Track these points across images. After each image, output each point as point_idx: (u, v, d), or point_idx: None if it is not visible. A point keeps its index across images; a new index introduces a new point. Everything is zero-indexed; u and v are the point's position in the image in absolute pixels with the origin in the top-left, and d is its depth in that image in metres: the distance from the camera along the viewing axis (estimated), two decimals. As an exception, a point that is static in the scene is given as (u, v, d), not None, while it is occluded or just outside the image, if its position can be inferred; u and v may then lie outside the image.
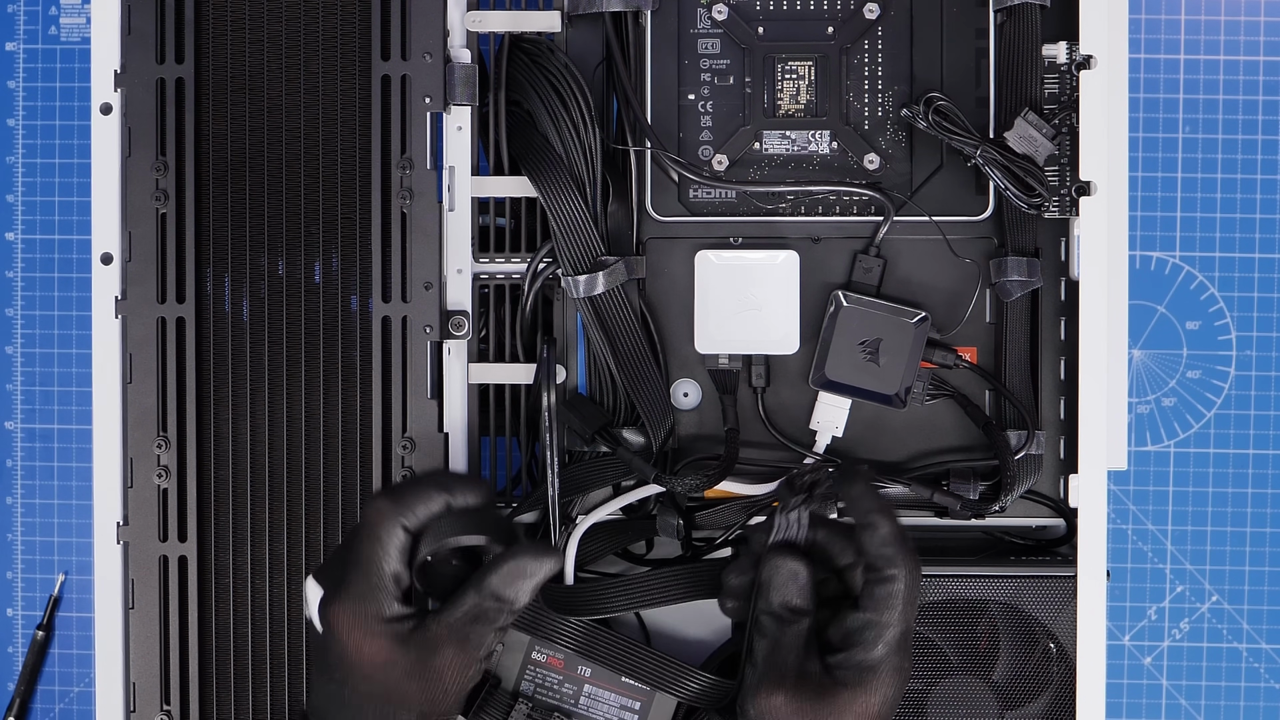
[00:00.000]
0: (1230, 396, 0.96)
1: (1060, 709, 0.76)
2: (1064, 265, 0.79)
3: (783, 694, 0.67)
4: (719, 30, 0.80)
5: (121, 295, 0.78)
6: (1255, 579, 0.96)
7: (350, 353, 0.78)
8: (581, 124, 0.78)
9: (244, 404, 0.78)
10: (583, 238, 0.78)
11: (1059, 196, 0.79)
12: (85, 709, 0.99)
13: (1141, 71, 0.95)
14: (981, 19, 0.79)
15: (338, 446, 0.77)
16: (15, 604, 0.99)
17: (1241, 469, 0.96)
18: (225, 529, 0.78)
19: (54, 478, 0.99)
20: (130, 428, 0.78)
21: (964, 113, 0.78)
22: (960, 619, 0.77)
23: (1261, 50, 0.95)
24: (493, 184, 0.80)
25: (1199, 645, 0.96)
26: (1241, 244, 0.95)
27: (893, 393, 0.78)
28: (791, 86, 0.80)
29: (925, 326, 0.78)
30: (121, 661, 0.78)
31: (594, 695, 0.78)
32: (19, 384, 0.99)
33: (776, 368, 0.80)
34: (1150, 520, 0.96)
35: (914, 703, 0.77)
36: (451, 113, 0.78)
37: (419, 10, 0.77)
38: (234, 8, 0.78)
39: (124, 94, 0.78)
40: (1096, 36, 0.75)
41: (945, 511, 0.78)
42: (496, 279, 0.81)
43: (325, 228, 0.78)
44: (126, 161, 0.78)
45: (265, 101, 0.78)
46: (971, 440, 0.79)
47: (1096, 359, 0.75)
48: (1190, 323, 0.96)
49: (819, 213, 0.80)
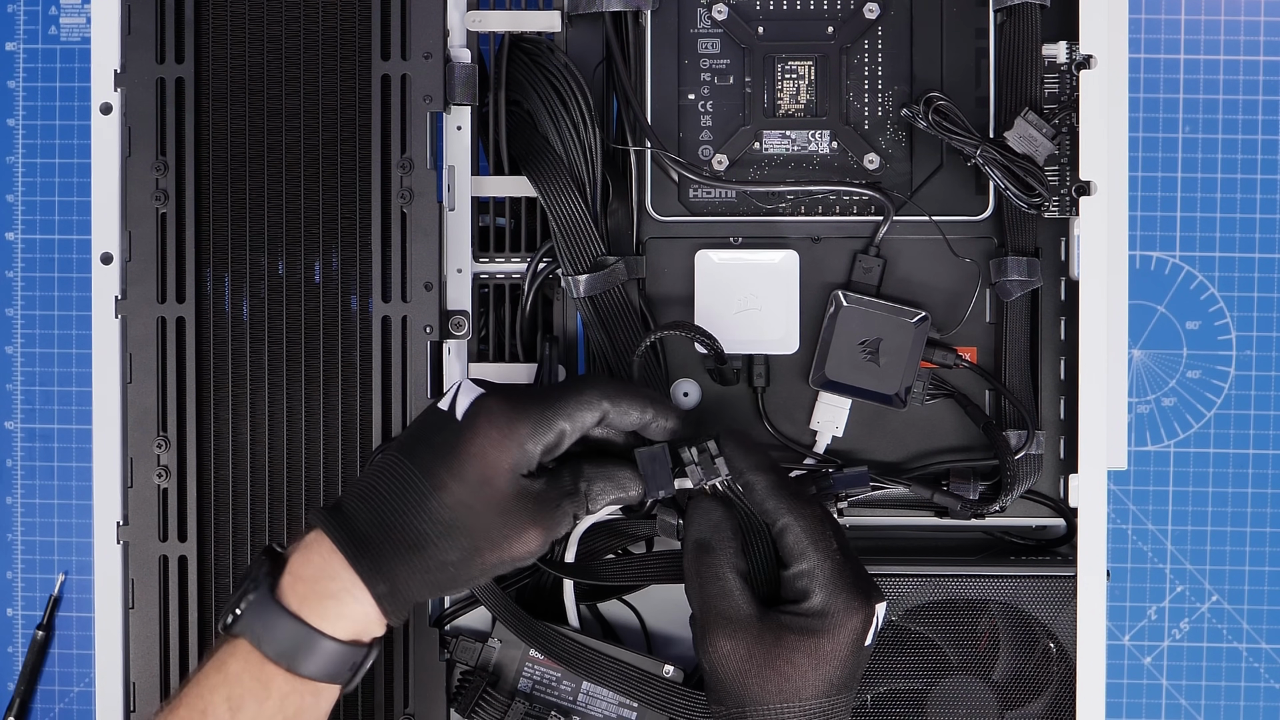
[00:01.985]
0: (1230, 396, 0.96)
1: (1060, 709, 0.76)
2: (1064, 265, 0.79)
3: (730, 641, 0.69)
4: (719, 30, 0.80)
5: (121, 295, 0.78)
6: (1255, 579, 0.96)
7: (350, 353, 0.78)
8: (581, 124, 0.78)
9: (244, 404, 0.78)
10: (583, 238, 0.78)
11: (1059, 196, 0.79)
12: (85, 709, 0.99)
13: (1141, 71, 0.95)
14: (981, 19, 0.79)
15: (338, 446, 0.77)
16: (15, 604, 0.99)
17: (1241, 469, 0.96)
18: (225, 529, 0.78)
19: (54, 478, 0.99)
20: (130, 428, 0.78)
21: (964, 113, 0.78)
22: (960, 619, 0.77)
23: (1261, 50, 0.95)
24: (493, 184, 0.80)
25: (1199, 645, 0.96)
26: (1241, 244, 0.95)
27: (893, 393, 0.78)
28: (791, 86, 0.80)
29: (925, 326, 0.78)
30: (121, 661, 0.78)
31: (592, 693, 0.78)
32: (19, 384, 0.99)
33: (776, 367, 0.80)
34: (1150, 520, 0.96)
35: (914, 703, 0.77)
36: (451, 113, 0.78)
37: (419, 10, 0.77)
38: (234, 8, 0.78)
39: (124, 94, 0.78)
40: (1096, 36, 0.75)
41: (945, 511, 0.78)
42: (496, 279, 0.81)
43: (325, 228, 0.78)
44: (126, 161, 0.78)
45: (265, 101, 0.78)
46: (971, 440, 0.79)
47: (1096, 359, 0.75)
48: (1190, 323, 0.96)
49: (819, 213, 0.80)
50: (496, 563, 0.69)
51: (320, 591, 0.67)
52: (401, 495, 0.68)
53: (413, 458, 0.69)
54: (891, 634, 0.77)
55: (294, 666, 0.66)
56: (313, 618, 0.66)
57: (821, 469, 0.79)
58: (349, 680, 0.68)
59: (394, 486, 0.69)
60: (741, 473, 0.72)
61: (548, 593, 0.80)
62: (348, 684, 0.68)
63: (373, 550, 0.67)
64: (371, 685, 0.77)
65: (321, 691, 0.67)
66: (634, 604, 0.83)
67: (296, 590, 0.67)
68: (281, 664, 0.66)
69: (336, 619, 0.67)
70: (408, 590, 0.68)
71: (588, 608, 0.83)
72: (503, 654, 0.79)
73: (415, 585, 0.68)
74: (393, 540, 0.68)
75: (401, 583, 0.68)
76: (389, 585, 0.67)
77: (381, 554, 0.67)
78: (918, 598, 0.77)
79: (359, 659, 0.68)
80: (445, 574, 0.68)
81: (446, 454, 0.69)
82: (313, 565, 0.67)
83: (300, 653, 0.66)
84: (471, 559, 0.68)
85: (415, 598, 0.69)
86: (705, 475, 0.72)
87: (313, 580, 0.67)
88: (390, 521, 0.68)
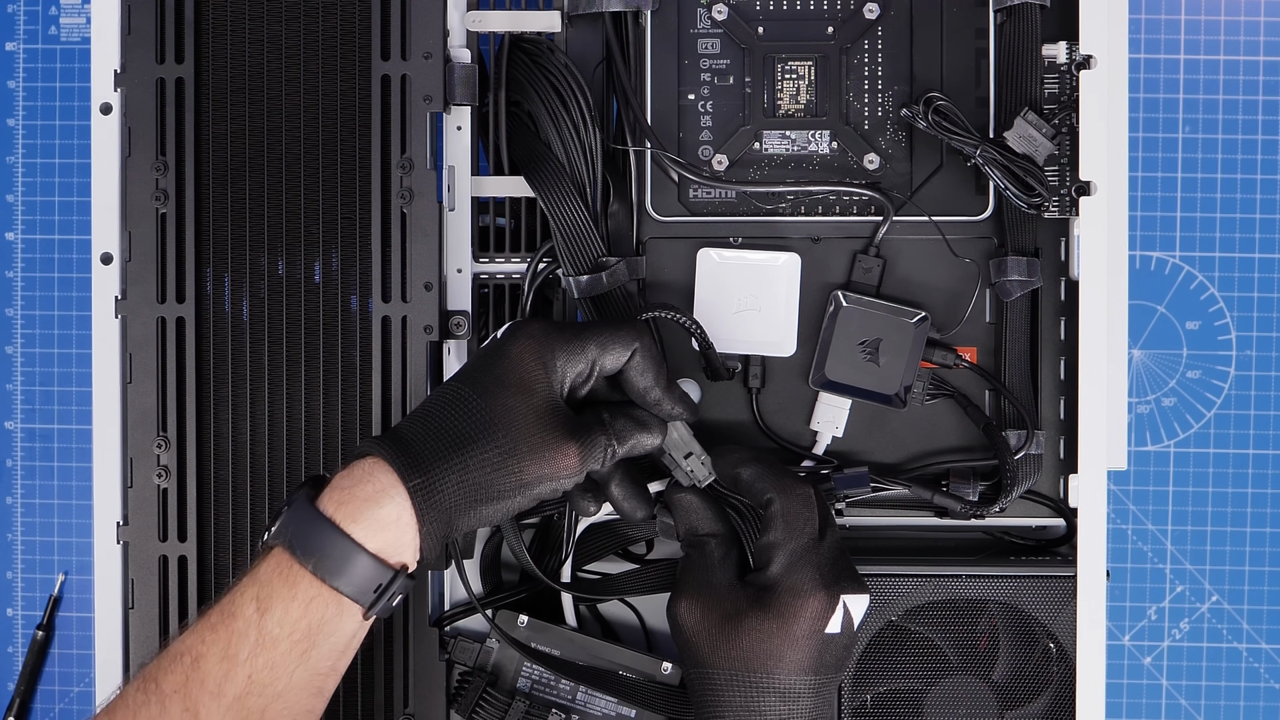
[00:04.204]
0: (1230, 396, 0.96)
1: (1060, 709, 0.76)
2: (1064, 265, 0.79)
3: (697, 607, 0.71)
4: (719, 30, 0.80)
5: (121, 295, 0.78)
6: (1255, 579, 0.96)
7: (350, 353, 0.78)
8: (581, 124, 0.78)
9: (244, 404, 0.78)
10: (583, 239, 0.78)
11: (1059, 196, 0.79)
12: (85, 709, 0.99)
13: (1141, 71, 0.95)
14: (981, 19, 0.79)
15: (338, 447, 0.77)
16: (15, 604, 0.99)
17: (1241, 469, 0.96)
18: (225, 529, 0.78)
19: (54, 478, 0.99)
20: (130, 428, 0.78)
21: (964, 113, 0.78)
22: (960, 619, 0.77)
23: (1261, 50, 0.95)
24: (493, 184, 0.80)
25: (1199, 645, 0.96)
26: (1241, 244, 0.95)
27: (893, 393, 0.78)
28: (791, 86, 0.80)
29: (925, 326, 0.78)
30: (121, 661, 0.78)
31: (591, 692, 0.78)
32: (19, 384, 0.99)
33: (777, 368, 0.80)
34: (1150, 520, 0.96)
35: (914, 703, 0.77)
36: (451, 113, 0.78)
37: (419, 10, 0.77)
38: (234, 8, 0.78)
39: (124, 94, 0.78)
40: (1096, 36, 0.75)
41: (945, 511, 0.78)
42: (496, 279, 0.81)
43: (325, 228, 0.78)
44: (126, 161, 0.78)
45: (265, 101, 0.78)
46: (971, 440, 0.79)
47: (1096, 359, 0.75)
48: (1190, 323, 0.96)
49: (819, 213, 0.80)
50: (535, 477, 0.69)
51: (357, 496, 0.67)
52: (445, 403, 0.70)
53: (459, 376, 0.72)
54: (891, 634, 0.77)
55: (319, 571, 0.66)
56: (345, 522, 0.66)
57: (821, 469, 0.79)
58: (370, 605, 0.67)
59: (439, 399, 0.71)
60: (732, 469, 0.74)
61: (548, 593, 0.80)
62: (369, 609, 0.67)
63: (414, 450, 0.68)
64: (371, 685, 0.77)
65: (345, 608, 0.67)
66: (634, 604, 0.83)
67: (334, 497, 0.67)
68: (308, 566, 0.66)
69: (369, 523, 0.67)
70: (444, 488, 0.68)
71: (587, 608, 0.83)
72: (502, 654, 0.79)
73: (451, 485, 0.68)
74: (434, 439, 0.68)
75: (438, 478, 0.68)
76: (424, 478, 0.67)
77: (422, 453, 0.68)
78: (918, 598, 0.77)
79: (384, 580, 0.67)
80: (483, 474, 0.68)
81: (488, 363, 0.71)
82: (354, 476, 0.68)
83: (328, 558, 0.66)
84: (508, 461, 0.68)
85: (449, 502, 0.68)
86: (694, 478, 0.74)
87: (351, 487, 0.67)
88: (433, 426, 0.69)
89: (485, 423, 0.69)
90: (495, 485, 0.68)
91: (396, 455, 0.68)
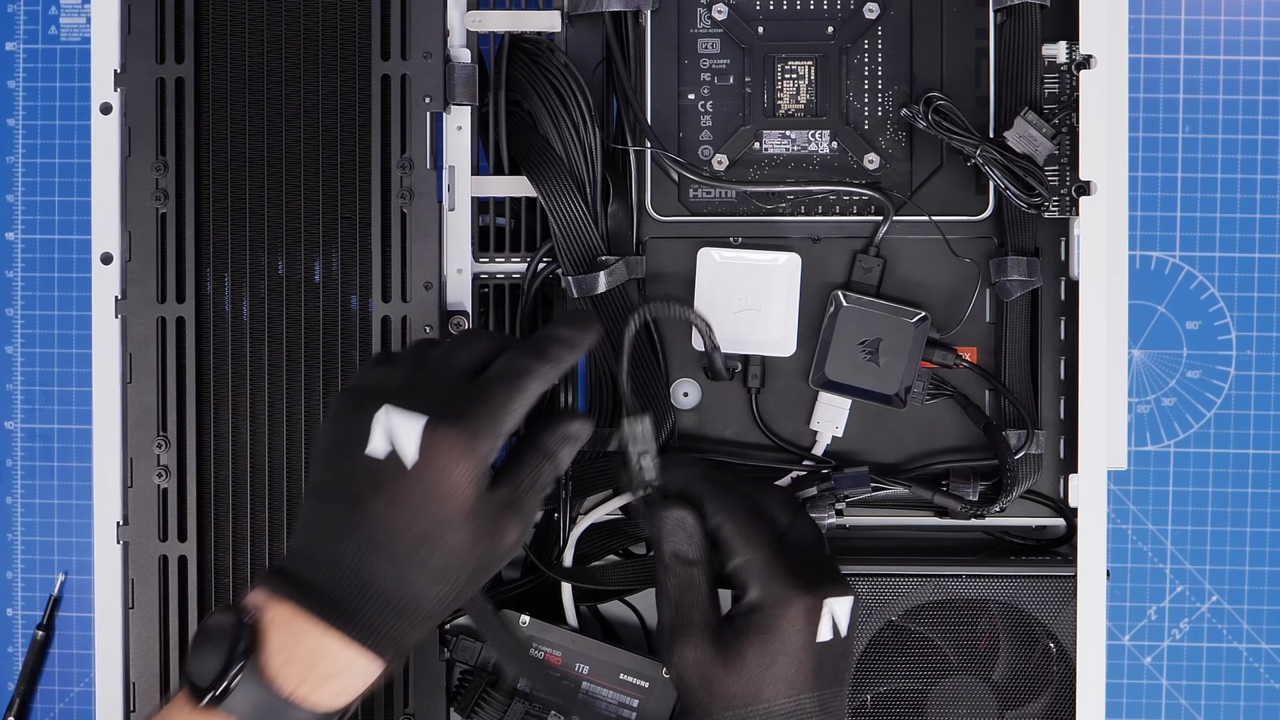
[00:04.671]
0: (1230, 396, 0.96)
1: (1060, 709, 0.76)
2: (1064, 265, 0.79)
3: (691, 649, 0.69)
4: (719, 30, 0.80)
5: (121, 295, 0.78)
6: (1255, 579, 0.96)
7: (350, 353, 0.78)
8: (581, 124, 0.78)
9: (244, 404, 0.78)
10: (583, 238, 0.78)
11: (1059, 196, 0.79)
12: (85, 709, 0.99)
13: (1141, 71, 0.95)
14: (981, 19, 0.79)
15: (338, 446, 0.77)
16: (15, 604, 0.99)
17: (1241, 469, 0.96)
18: (225, 529, 0.78)
19: (54, 478, 0.99)
20: (130, 428, 0.78)
21: (964, 113, 0.78)
22: (960, 619, 0.77)
23: (1261, 50, 0.95)
24: (493, 184, 0.80)
25: (1199, 645, 0.96)
26: (1241, 244, 0.95)
27: (893, 393, 0.78)
28: (791, 86, 0.80)
29: (925, 326, 0.78)
30: (121, 661, 0.78)
31: (591, 693, 0.78)
32: (19, 384, 0.99)
33: (777, 368, 0.80)
34: (1150, 520, 0.96)
35: (914, 703, 0.77)
36: (451, 113, 0.78)
37: (419, 10, 0.77)
38: (234, 8, 0.78)
39: (124, 94, 0.78)
40: (1096, 36, 0.75)
41: (945, 511, 0.78)
42: (496, 279, 0.81)
43: (325, 228, 0.78)
44: (126, 161, 0.78)
45: (265, 101, 0.78)
46: (971, 440, 0.79)
47: (1096, 359, 0.75)
48: (1190, 323, 0.96)
49: (819, 213, 0.80)
50: (486, 577, 0.68)
51: (320, 674, 0.63)
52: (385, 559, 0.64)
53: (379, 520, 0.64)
54: (891, 634, 0.77)
55: None
56: (311, 700, 0.63)
57: (821, 469, 0.79)
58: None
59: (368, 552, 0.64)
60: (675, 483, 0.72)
61: (547, 592, 0.80)
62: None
63: (367, 621, 0.64)
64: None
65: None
66: (634, 604, 0.83)
67: (291, 674, 0.63)
68: None
69: (337, 695, 0.64)
70: (410, 642, 0.65)
71: (587, 608, 0.83)
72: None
73: (417, 634, 0.66)
74: (387, 605, 0.64)
75: (405, 639, 0.65)
76: (396, 649, 0.65)
77: (380, 623, 0.64)
78: (918, 598, 0.77)
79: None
80: (443, 608, 0.66)
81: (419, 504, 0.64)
82: (303, 646, 0.63)
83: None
84: (465, 589, 0.66)
85: (407, 645, 0.66)
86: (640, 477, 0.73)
87: (308, 662, 0.63)
88: (379, 589, 0.64)
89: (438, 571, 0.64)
90: (453, 606, 0.66)
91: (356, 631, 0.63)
